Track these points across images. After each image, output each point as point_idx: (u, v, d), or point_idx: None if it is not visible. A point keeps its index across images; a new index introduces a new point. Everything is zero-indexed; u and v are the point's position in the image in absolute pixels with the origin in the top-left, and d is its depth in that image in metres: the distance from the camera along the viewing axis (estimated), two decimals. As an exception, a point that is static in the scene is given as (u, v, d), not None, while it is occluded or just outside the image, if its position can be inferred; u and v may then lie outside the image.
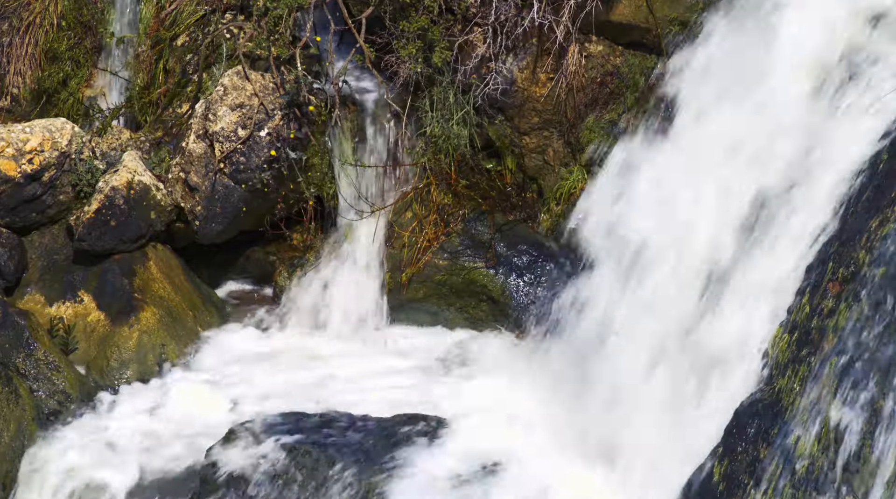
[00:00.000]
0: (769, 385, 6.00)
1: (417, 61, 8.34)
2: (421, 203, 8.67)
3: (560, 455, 6.99)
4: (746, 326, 6.33)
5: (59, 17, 9.46)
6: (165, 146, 8.94)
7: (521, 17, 8.19)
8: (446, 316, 8.67)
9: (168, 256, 8.82)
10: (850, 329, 5.54)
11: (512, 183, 8.71)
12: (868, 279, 5.57)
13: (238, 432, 7.25)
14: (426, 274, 8.63)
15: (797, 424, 5.61)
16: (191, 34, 9.34)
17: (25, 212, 8.65)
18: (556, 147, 8.50)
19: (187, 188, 8.66)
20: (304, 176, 8.68)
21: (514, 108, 8.46)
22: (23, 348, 7.90)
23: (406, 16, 8.38)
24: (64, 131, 8.71)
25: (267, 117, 8.51)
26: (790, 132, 6.65)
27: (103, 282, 8.52)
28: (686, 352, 6.68)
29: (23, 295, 8.56)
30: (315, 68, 8.71)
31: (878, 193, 5.90)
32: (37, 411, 7.72)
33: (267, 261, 9.20)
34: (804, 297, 6.04)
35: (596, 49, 8.35)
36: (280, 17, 8.61)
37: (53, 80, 9.42)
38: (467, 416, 7.36)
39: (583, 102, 8.38)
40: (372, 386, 7.98)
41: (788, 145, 6.62)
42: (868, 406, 5.28)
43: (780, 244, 6.41)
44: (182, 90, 9.24)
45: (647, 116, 7.92)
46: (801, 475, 5.45)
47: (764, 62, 6.97)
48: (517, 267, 8.53)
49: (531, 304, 8.42)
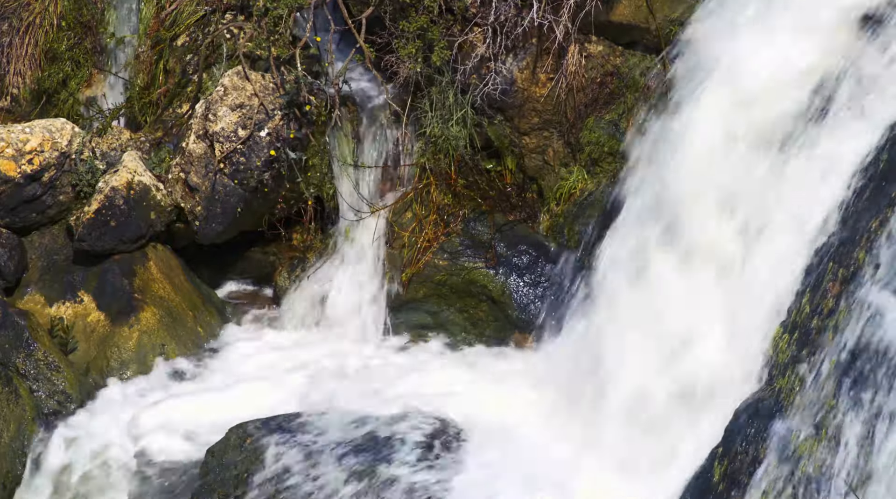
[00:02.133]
0: (769, 385, 6.00)
1: (417, 61, 8.34)
2: (421, 203, 8.67)
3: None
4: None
5: (59, 18, 9.46)
6: (165, 146, 8.94)
7: (520, 17, 8.19)
8: (446, 316, 8.67)
9: (168, 257, 8.82)
10: (849, 329, 5.54)
11: (512, 183, 8.71)
12: (868, 279, 5.58)
13: (238, 431, 7.25)
14: (426, 274, 8.63)
15: (797, 424, 5.61)
16: (191, 34, 9.34)
17: (25, 212, 8.65)
18: (556, 147, 8.49)
19: (187, 188, 8.66)
20: (304, 176, 8.68)
21: (514, 109, 8.46)
22: (23, 349, 7.91)
23: (406, 16, 8.38)
24: (64, 132, 8.71)
25: (267, 117, 8.51)
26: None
27: (103, 282, 8.52)
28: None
29: (23, 295, 8.56)
30: (315, 68, 8.71)
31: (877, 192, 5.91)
32: (37, 411, 7.72)
33: (267, 261, 9.20)
34: (804, 297, 6.04)
35: (596, 49, 8.34)
36: (280, 17, 8.61)
37: (53, 80, 9.42)
38: (469, 415, 7.38)
39: (583, 102, 8.38)
40: (373, 386, 7.98)
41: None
42: (868, 406, 5.29)
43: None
44: (182, 90, 9.24)
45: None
46: (801, 475, 5.45)
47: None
48: (517, 267, 8.52)
49: (531, 304, 8.42)
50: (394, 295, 8.70)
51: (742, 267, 6.66)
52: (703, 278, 6.84)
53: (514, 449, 7.10)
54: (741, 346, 6.39)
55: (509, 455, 7.03)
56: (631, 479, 6.66)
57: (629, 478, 6.68)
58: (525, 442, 7.17)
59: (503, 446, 7.13)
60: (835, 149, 6.32)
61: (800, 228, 6.28)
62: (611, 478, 6.76)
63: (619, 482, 6.70)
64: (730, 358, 6.45)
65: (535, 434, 7.26)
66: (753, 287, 6.49)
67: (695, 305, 6.79)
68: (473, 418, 7.40)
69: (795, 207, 6.38)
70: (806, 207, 6.31)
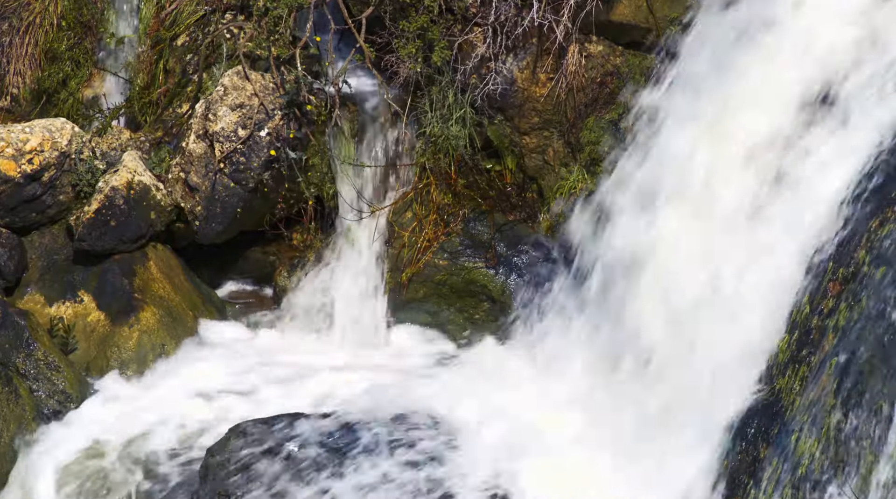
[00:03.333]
0: (769, 385, 6.01)
1: (417, 61, 8.34)
2: (421, 203, 8.67)
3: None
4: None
5: (59, 17, 9.46)
6: (165, 146, 8.94)
7: (520, 16, 8.19)
8: (446, 316, 8.67)
9: (168, 256, 8.82)
10: (850, 329, 5.54)
11: (512, 183, 8.71)
12: (868, 279, 5.58)
13: (238, 431, 7.25)
14: (426, 274, 8.63)
15: (797, 423, 5.61)
16: (191, 34, 9.34)
17: (25, 212, 8.65)
18: (556, 147, 8.49)
19: (187, 188, 8.66)
20: (304, 176, 8.68)
21: (514, 108, 8.46)
22: (23, 348, 7.91)
23: (406, 15, 8.38)
24: (64, 131, 8.71)
25: (267, 117, 8.51)
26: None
27: (103, 282, 8.52)
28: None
29: (23, 295, 8.56)
30: (315, 68, 8.71)
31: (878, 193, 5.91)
32: (37, 411, 7.73)
33: (267, 261, 9.19)
34: (804, 297, 6.04)
35: (596, 49, 8.34)
36: (280, 17, 8.61)
37: (53, 80, 9.42)
38: (467, 416, 7.39)
39: (583, 102, 8.38)
40: (372, 386, 7.98)
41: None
42: (868, 406, 5.29)
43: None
44: (182, 90, 9.24)
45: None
46: (801, 475, 5.45)
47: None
48: (517, 267, 8.53)
49: (531, 303, 8.43)
50: (394, 295, 8.70)
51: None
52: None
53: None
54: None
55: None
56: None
57: (630, 473, 6.70)
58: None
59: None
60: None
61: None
62: (611, 474, 6.78)
63: (622, 477, 6.72)
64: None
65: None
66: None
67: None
68: (473, 419, 7.41)
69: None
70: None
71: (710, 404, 6.28)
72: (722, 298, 6.50)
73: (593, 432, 7.08)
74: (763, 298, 6.25)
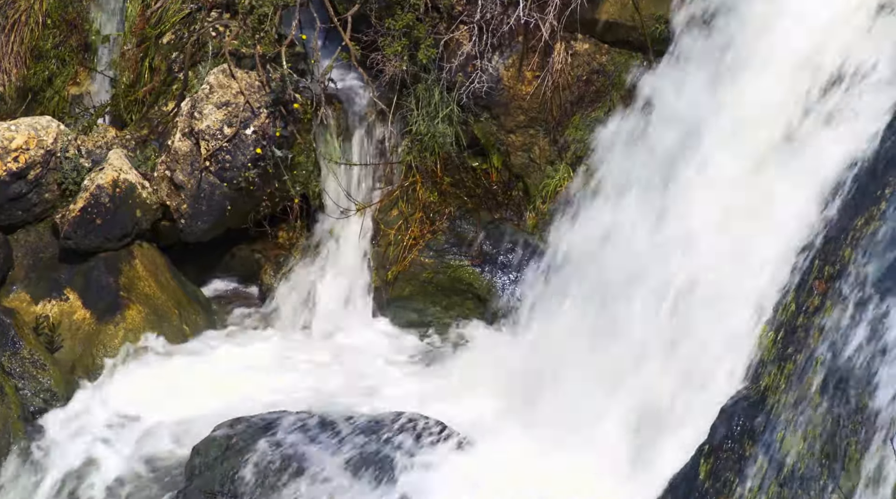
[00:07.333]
0: (755, 383, 6.02)
1: (403, 59, 8.34)
2: (407, 201, 8.68)
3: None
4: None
5: (45, 16, 9.45)
6: (151, 144, 8.94)
7: (506, 14, 8.20)
8: (432, 314, 8.68)
9: (154, 255, 8.81)
10: (835, 327, 5.56)
11: (498, 181, 8.71)
12: (853, 277, 5.60)
13: (225, 429, 7.25)
14: (412, 272, 8.63)
15: (783, 421, 5.63)
16: (176, 32, 9.33)
17: (11, 210, 8.63)
18: (542, 145, 8.51)
19: (173, 186, 8.66)
20: (290, 174, 8.68)
21: (500, 106, 8.46)
22: (8, 347, 7.90)
23: (392, 13, 8.39)
24: (49, 129, 8.69)
25: (253, 115, 8.50)
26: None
27: (89, 280, 8.51)
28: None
29: (8, 293, 8.54)
30: (301, 66, 8.71)
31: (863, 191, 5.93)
32: (22, 410, 7.72)
33: (253, 259, 9.19)
34: (790, 294, 6.06)
35: (582, 47, 8.36)
36: (265, 14, 8.60)
37: (39, 78, 9.41)
38: (453, 414, 7.40)
39: (569, 100, 8.39)
40: (359, 383, 7.99)
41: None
42: (853, 403, 5.30)
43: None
44: (168, 88, 9.23)
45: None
46: (787, 473, 5.47)
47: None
48: (503, 265, 8.54)
49: (516, 301, 8.43)
50: (380, 292, 8.70)
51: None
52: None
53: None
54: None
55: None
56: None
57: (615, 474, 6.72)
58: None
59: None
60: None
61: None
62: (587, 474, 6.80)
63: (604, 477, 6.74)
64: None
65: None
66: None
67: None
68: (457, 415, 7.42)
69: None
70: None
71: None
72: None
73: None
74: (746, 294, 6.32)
